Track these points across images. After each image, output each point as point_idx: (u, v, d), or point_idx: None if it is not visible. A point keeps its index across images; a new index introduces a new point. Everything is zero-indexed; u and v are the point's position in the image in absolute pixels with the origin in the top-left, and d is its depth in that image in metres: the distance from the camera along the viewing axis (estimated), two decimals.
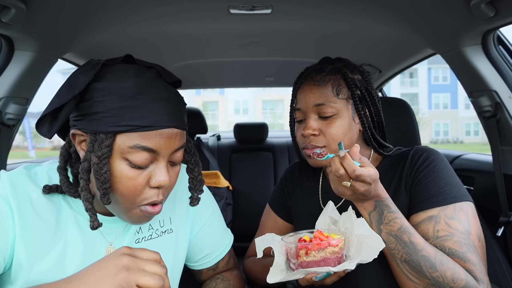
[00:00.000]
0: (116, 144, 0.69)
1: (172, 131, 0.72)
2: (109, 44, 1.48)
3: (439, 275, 0.79)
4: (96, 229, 0.73)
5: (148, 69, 0.75)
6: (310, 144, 0.98)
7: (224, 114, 35.65)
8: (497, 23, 1.13)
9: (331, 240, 0.80)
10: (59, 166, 0.78)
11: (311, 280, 0.81)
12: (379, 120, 1.04)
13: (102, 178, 0.69)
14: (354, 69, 1.03)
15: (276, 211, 1.20)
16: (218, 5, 1.20)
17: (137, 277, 0.61)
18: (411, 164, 0.96)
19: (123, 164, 0.70)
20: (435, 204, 0.88)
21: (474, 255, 0.83)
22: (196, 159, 0.86)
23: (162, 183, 0.73)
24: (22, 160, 1.96)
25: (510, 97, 1.30)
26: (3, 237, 0.71)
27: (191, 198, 0.86)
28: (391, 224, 0.83)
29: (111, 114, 0.68)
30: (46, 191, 0.77)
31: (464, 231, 0.85)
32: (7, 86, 1.24)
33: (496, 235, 1.36)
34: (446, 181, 0.90)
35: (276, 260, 0.85)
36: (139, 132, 0.69)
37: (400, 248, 0.82)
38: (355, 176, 0.78)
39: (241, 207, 2.55)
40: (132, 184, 0.71)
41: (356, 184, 0.79)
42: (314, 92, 0.98)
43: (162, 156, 0.73)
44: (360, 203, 0.86)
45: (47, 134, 0.72)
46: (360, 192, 0.81)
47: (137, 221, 0.76)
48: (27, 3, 1.02)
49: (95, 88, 0.70)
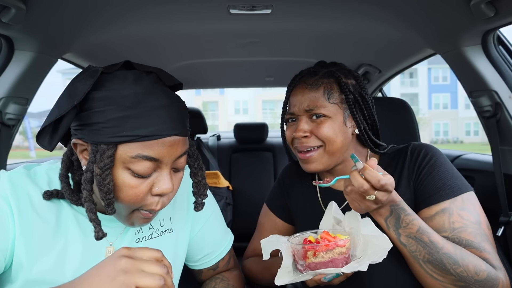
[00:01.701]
0: (118, 154, 0.69)
1: (174, 139, 0.71)
2: (109, 44, 1.48)
3: (462, 270, 0.80)
4: (100, 239, 0.73)
5: (148, 74, 0.74)
6: (303, 146, 0.98)
7: (224, 114, 35.65)
8: (497, 23, 1.13)
9: (339, 240, 0.80)
10: (61, 174, 0.78)
11: (319, 281, 0.81)
12: (374, 123, 1.05)
13: (105, 189, 0.69)
14: (348, 73, 1.03)
15: (275, 211, 1.20)
16: (218, 5, 1.20)
17: (136, 279, 0.60)
18: (411, 160, 0.97)
19: (125, 174, 0.70)
20: (444, 197, 0.90)
21: (488, 244, 0.85)
22: (200, 163, 0.85)
23: (165, 191, 0.73)
24: (22, 160, 1.96)
25: (510, 97, 1.30)
26: (3, 236, 0.71)
27: (195, 203, 0.86)
28: (409, 227, 0.83)
29: (111, 125, 0.67)
30: (47, 197, 0.77)
31: (475, 221, 0.87)
32: (7, 86, 1.24)
33: (496, 235, 1.36)
34: (449, 174, 0.93)
35: (284, 262, 0.84)
36: (140, 142, 0.68)
37: (421, 249, 0.82)
38: (380, 186, 0.76)
39: (241, 207, 2.54)
40: (134, 193, 0.71)
41: (379, 194, 0.78)
42: (306, 95, 0.99)
43: (165, 164, 0.72)
44: (376, 210, 0.85)
45: (48, 146, 0.71)
46: (381, 202, 0.80)
47: (135, 224, 0.77)
48: (27, 3, 1.02)
49: (94, 98, 0.69)
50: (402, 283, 0.91)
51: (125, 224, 0.78)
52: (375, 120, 1.04)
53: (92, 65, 0.74)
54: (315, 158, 0.98)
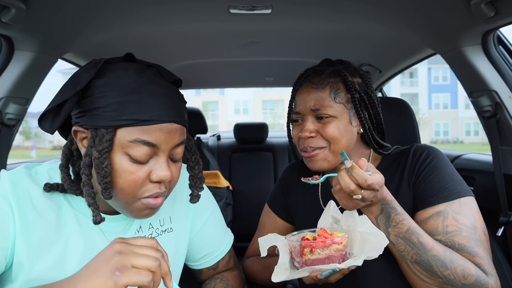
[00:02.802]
0: (117, 139, 0.70)
1: (172, 126, 0.73)
2: (109, 44, 1.48)
3: (450, 273, 0.80)
4: (98, 223, 0.73)
5: (149, 67, 0.76)
6: (309, 146, 0.98)
7: (224, 114, 35.65)
8: (497, 23, 1.13)
9: (335, 237, 0.80)
10: (61, 164, 0.79)
11: (315, 278, 0.81)
12: (379, 122, 1.04)
13: (103, 172, 0.70)
14: (354, 72, 1.02)
15: (276, 211, 1.20)
16: (218, 5, 1.20)
17: (131, 259, 0.61)
18: (412, 161, 0.97)
19: (123, 159, 0.71)
20: (441, 200, 0.89)
21: (482, 249, 0.85)
22: (197, 157, 0.87)
23: (163, 177, 0.73)
24: (22, 160, 1.96)
25: (510, 97, 1.30)
26: (4, 236, 0.72)
27: (191, 195, 0.86)
28: (399, 226, 0.84)
29: (112, 109, 0.69)
30: (47, 189, 0.77)
31: (471, 226, 0.86)
32: (7, 86, 1.24)
33: (496, 235, 1.36)
34: (449, 177, 0.92)
35: (281, 259, 0.85)
36: (139, 126, 0.70)
37: (409, 249, 0.83)
38: (367, 186, 0.77)
39: (241, 207, 2.55)
40: (133, 178, 0.72)
41: (366, 193, 0.79)
42: (312, 95, 0.98)
43: (162, 151, 0.73)
44: (366, 208, 0.86)
45: (49, 129, 0.73)
46: (369, 200, 0.81)
47: (139, 214, 0.76)
48: (27, 3, 1.02)
49: (96, 85, 0.71)
50: (397, 285, 0.91)
51: (129, 216, 0.77)
52: (380, 120, 1.03)
53: None
54: (321, 157, 0.98)
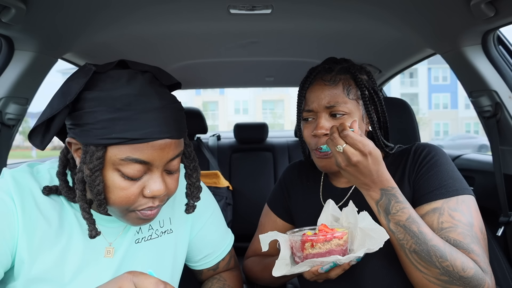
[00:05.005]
0: (108, 156, 0.68)
1: (165, 142, 0.70)
2: (109, 44, 1.48)
3: (449, 264, 0.79)
4: (94, 238, 0.73)
5: (143, 73, 0.73)
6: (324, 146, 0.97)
7: (224, 114, 35.63)
8: (497, 23, 1.13)
9: (336, 232, 0.80)
10: (58, 172, 0.78)
11: (316, 272, 0.81)
12: (385, 120, 1.04)
13: (95, 190, 0.69)
14: (360, 69, 1.03)
15: (276, 212, 1.20)
16: (218, 5, 1.20)
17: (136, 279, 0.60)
18: (413, 159, 0.97)
19: (115, 175, 0.69)
20: (438, 196, 0.89)
21: (478, 246, 0.84)
22: (195, 164, 0.84)
23: (156, 193, 0.72)
24: (23, 160, 1.96)
25: (510, 97, 1.30)
26: (10, 232, 0.72)
27: (186, 205, 0.85)
28: (399, 214, 0.83)
29: (101, 126, 0.66)
30: (46, 192, 0.77)
31: (467, 223, 0.86)
32: (7, 86, 1.24)
33: (496, 235, 1.36)
34: (448, 174, 0.91)
35: (281, 254, 0.85)
36: (129, 144, 0.67)
37: (409, 238, 0.82)
38: (343, 135, 0.80)
39: (241, 207, 2.54)
40: (125, 194, 0.70)
41: (348, 150, 0.80)
42: (326, 92, 0.97)
43: (155, 167, 0.71)
44: (365, 191, 0.86)
45: (39, 145, 0.71)
46: (353, 162, 0.80)
47: (135, 223, 0.76)
48: (27, 3, 1.02)
49: (86, 98, 0.68)
50: (395, 282, 0.91)
51: (125, 223, 0.78)
52: (386, 118, 1.04)
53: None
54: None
